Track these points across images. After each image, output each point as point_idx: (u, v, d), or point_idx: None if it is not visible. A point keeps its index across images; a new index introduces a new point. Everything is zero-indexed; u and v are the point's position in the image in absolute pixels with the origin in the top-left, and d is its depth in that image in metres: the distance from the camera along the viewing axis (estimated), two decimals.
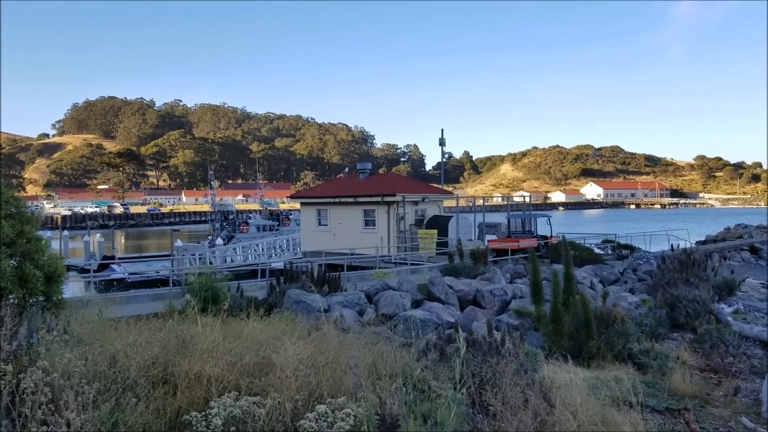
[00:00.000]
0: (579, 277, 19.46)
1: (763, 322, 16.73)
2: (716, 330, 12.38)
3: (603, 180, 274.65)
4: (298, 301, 13.76)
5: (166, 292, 16.82)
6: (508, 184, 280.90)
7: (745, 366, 11.03)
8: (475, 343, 6.50)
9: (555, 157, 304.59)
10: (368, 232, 35.20)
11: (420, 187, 41.31)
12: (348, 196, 36.66)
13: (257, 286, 18.66)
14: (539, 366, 7.58)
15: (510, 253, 28.00)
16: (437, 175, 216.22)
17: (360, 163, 43.91)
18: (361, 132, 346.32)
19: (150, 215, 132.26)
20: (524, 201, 49.40)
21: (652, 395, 8.50)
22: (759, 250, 39.22)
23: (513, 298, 16.73)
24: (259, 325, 6.80)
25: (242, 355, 5.40)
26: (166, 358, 5.35)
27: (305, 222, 39.35)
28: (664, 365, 10.08)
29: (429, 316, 13.41)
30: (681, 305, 14.98)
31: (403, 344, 8.16)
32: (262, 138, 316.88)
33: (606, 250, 31.91)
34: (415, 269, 24.14)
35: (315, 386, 4.87)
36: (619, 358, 10.37)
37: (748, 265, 34.74)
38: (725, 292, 18.90)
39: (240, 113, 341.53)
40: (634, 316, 14.23)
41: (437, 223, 35.20)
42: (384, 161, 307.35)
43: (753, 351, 12.11)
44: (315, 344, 5.86)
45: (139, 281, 32.37)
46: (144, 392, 4.69)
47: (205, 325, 6.20)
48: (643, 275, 23.77)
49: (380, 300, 15.36)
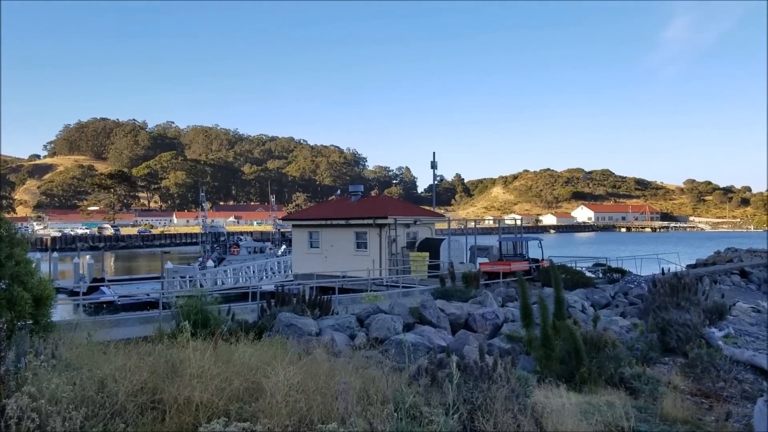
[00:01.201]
0: (570, 301, 19.46)
1: (753, 346, 16.76)
2: (707, 354, 12.38)
3: (594, 203, 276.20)
4: (289, 325, 13.67)
5: (156, 315, 16.65)
6: (500, 207, 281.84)
7: (737, 391, 11.02)
8: (467, 368, 6.48)
9: (546, 180, 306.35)
10: (360, 254, 35.14)
11: (412, 210, 41.37)
12: (340, 219, 36.64)
13: (248, 309, 18.53)
14: (531, 391, 7.55)
15: (502, 276, 27.99)
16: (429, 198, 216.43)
17: (352, 185, 43.95)
18: (354, 154, 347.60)
19: (141, 237, 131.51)
20: (516, 224, 49.51)
21: (643, 420, 8.47)
22: (749, 273, 39.35)
23: (505, 322, 16.67)
24: (250, 349, 6.76)
25: (232, 380, 5.35)
26: (155, 383, 5.30)
27: (297, 244, 39.26)
28: (656, 390, 10.05)
29: (420, 340, 13.34)
30: (672, 329, 14.98)
31: (395, 369, 8.13)
32: (254, 160, 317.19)
33: (597, 274, 31.97)
34: (406, 292, 24.06)
35: (305, 412, 4.84)
36: (610, 382, 10.34)
37: (738, 288, 34.83)
38: (716, 316, 18.90)
39: (232, 135, 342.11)
40: (626, 340, 14.22)
41: (429, 245, 35.19)
42: (376, 183, 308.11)
43: (744, 376, 12.10)
44: (306, 369, 5.83)
45: (128, 304, 32.10)
46: (132, 418, 4.64)
47: (195, 349, 6.16)
48: (634, 299, 23.77)
49: (372, 323, 15.27)
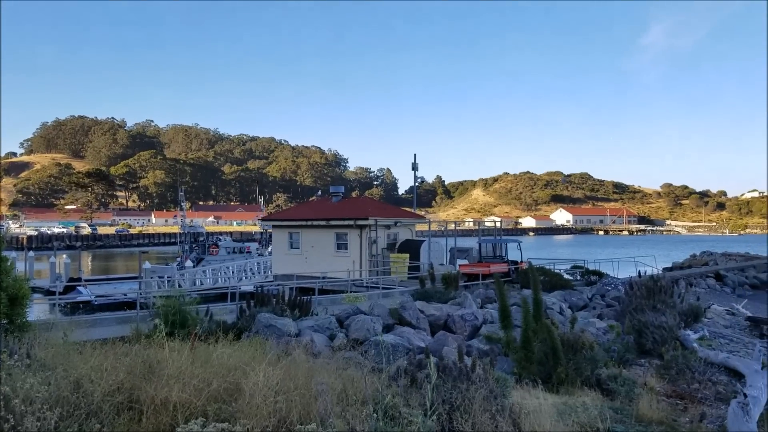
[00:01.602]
0: (548, 303, 19.60)
1: (728, 348, 17.01)
2: (682, 356, 12.55)
3: (572, 206, 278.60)
4: (268, 325, 13.62)
5: (133, 316, 16.50)
6: (480, 209, 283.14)
7: (711, 392, 11.18)
8: (445, 369, 6.51)
9: (526, 183, 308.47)
10: (340, 255, 35.10)
11: (392, 211, 41.41)
12: (320, 219, 36.57)
13: (226, 309, 18.41)
14: (509, 392, 7.60)
15: (481, 278, 28.13)
16: (410, 199, 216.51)
17: (333, 186, 43.90)
18: (335, 155, 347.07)
19: (118, 236, 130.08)
20: (495, 226, 49.82)
21: (619, 421, 8.57)
22: (724, 277, 39.98)
23: (484, 323, 16.76)
24: (228, 350, 6.73)
25: (210, 381, 5.32)
26: (132, 383, 5.26)
27: (277, 245, 39.11)
28: (632, 391, 10.17)
29: (400, 341, 13.36)
30: (648, 331, 15.17)
31: (374, 370, 8.14)
32: (234, 160, 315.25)
33: (575, 276, 32.22)
34: (386, 293, 24.08)
35: (285, 413, 4.82)
36: (587, 383, 10.44)
37: (713, 291, 35.36)
38: (691, 318, 19.17)
39: (212, 134, 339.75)
40: (603, 342, 14.35)
41: (409, 247, 35.25)
42: (357, 185, 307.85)
43: (718, 377, 12.29)
44: (285, 370, 5.81)
45: (105, 304, 31.75)
46: (108, 418, 4.59)
47: (173, 349, 6.12)
48: (611, 301, 24.00)
49: (351, 324, 15.26)
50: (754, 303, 31.97)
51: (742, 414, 8.79)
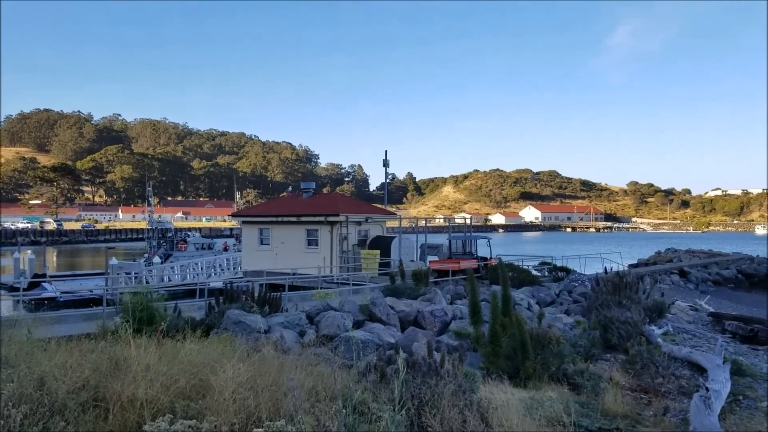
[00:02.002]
0: (517, 299, 19.81)
1: (691, 343, 17.40)
2: (647, 351, 12.79)
3: (541, 203, 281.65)
4: (237, 322, 13.53)
5: (100, 312, 16.25)
6: (450, 206, 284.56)
7: (674, 386, 11.41)
8: (415, 365, 6.54)
9: (495, 180, 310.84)
10: (311, 251, 34.99)
11: (363, 208, 41.38)
12: (291, 216, 36.39)
13: (195, 306, 18.22)
14: (477, 387, 7.67)
15: (451, 274, 28.29)
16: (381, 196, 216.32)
17: (304, 182, 43.69)
18: (306, 151, 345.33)
19: (84, 232, 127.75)
20: (465, 223, 50.12)
21: (585, 415, 8.70)
22: (688, 273, 40.85)
23: (453, 319, 16.89)
24: (197, 347, 6.68)
25: (178, 378, 5.28)
26: (98, 380, 5.20)
27: (246, 241, 38.83)
28: (598, 386, 10.34)
29: (370, 337, 13.39)
30: (614, 327, 15.42)
31: (344, 366, 8.15)
32: (203, 155, 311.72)
33: (543, 272, 32.60)
34: (357, 289, 24.09)
35: (253, 409, 4.81)
36: (554, 378, 10.59)
37: (677, 288, 36.10)
38: (656, 314, 19.53)
39: (181, 129, 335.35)
40: (569, 337, 14.56)
41: (380, 243, 35.29)
42: (328, 181, 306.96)
43: (681, 372, 12.54)
44: (254, 366, 5.80)
45: (71, 300, 31.17)
46: (73, 416, 4.53)
47: (140, 346, 6.05)
48: (578, 297, 24.32)
49: (321, 321, 15.25)
50: (716, 299, 32.76)
51: (704, 407, 9.01)
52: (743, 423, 9.60)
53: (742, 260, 52.82)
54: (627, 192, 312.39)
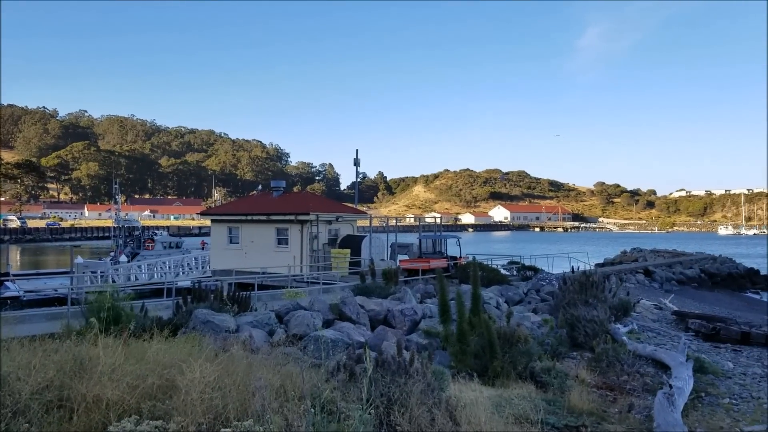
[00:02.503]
0: (486, 298, 19.95)
1: (655, 341, 17.73)
2: (612, 349, 13.00)
3: (510, 203, 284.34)
4: (205, 321, 13.41)
5: (64, 312, 15.96)
6: (421, 205, 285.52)
7: (639, 384, 11.63)
8: (384, 363, 6.56)
9: (465, 180, 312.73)
10: (281, 250, 34.80)
11: (334, 207, 41.30)
12: (261, 214, 36.14)
13: (163, 305, 18.02)
14: (446, 385, 7.72)
15: (421, 273, 28.40)
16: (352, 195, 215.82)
17: (274, 180, 43.41)
18: (276, 149, 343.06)
19: (49, 230, 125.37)
20: (435, 222, 50.36)
21: (552, 413, 8.82)
22: (653, 272, 41.60)
23: (423, 318, 16.96)
24: (164, 346, 6.61)
25: (145, 378, 5.22)
26: (62, 380, 5.11)
27: (216, 240, 38.45)
28: (564, 383, 10.48)
29: (340, 336, 13.39)
30: (580, 325, 15.63)
31: (313, 365, 8.13)
32: (172, 152, 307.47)
33: (511, 272, 32.89)
34: (327, 289, 24.05)
35: (221, 409, 4.78)
36: (522, 376, 10.71)
37: (642, 287, 36.74)
38: (621, 312, 19.88)
39: (149, 126, 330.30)
40: (537, 336, 14.72)
41: (350, 242, 35.26)
42: (299, 179, 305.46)
43: (646, 369, 12.79)
44: (222, 366, 5.75)
45: (35, 300, 30.51)
46: (37, 417, 4.46)
47: (105, 346, 5.96)
48: (545, 296, 24.59)
49: (291, 320, 15.20)
50: (680, 298, 33.41)
51: (667, 404, 9.20)
52: (705, 419, 9.84)
53: (705, 260, 53.99)
54: (594, 192, 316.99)
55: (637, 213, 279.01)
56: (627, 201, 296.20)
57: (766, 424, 9.49)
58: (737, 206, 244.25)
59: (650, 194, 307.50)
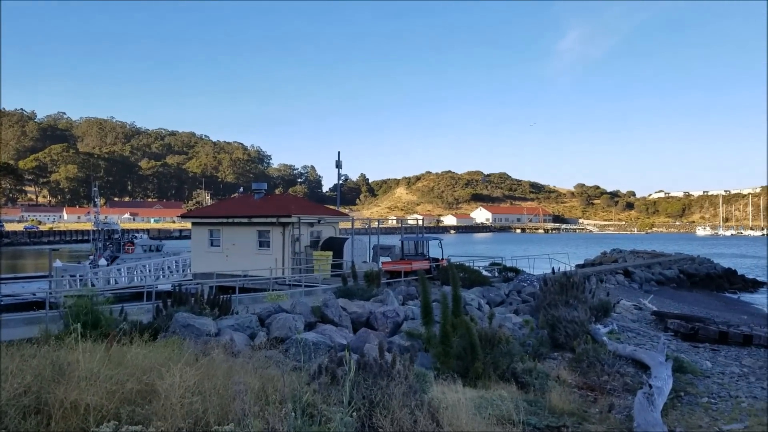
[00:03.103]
0: (467, 299, 20.02)
1: (635, 342, 17.90)
2: (593, 350, 13.10)
3: (491, 205, 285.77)
4: (186, 325, 13.29)
5: (43, 316, 15.76)
6: (403, 207, 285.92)
7: (619, 384, 11.73)
8: (366, 366, 6.55)
9: (447, 182, 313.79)
10: (262, 253, 34.65)
11: (316, 209, 41.21)
12: (242, 217, 35.97)
13: (142, 309, 17.86)
14: (428, 387, 7.74)
15: (403, 275, 28.42)
16: (334, 197, 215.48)
17: (255, 183, 43.20)
18: (258, 151, 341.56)
19: (27, 233, 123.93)
20: (417, 224, 50.44)
21: (533, 413, 8.86)
22: (632, 273, 42.02)
23: (405, 320, 16.95)
24: (143, 351, 6.55)
25: (124, 382, 5.17)
26: (40, 386, 5.05)
27: (196, 243, 38.18)
28: (545, 384, 10.54)
29: (322, 339, 13.34)
30: (561, 326, 15.74)
31: (295, 368, 8.11)
32: (152, 155, 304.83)
33: (493, 273, 33.01)
34: (309, 291, 23.98)
35: (201, 414, 4.75)
36: (503, 377, 10.74)
37: (622, 287, 37.07)
38: (601, 313, 20.03)
39: (129, 128, 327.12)
40: (518, 337, 14.80)
41: (332, 244, 35.20)
42: (280, 182, 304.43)
43: (626, 369, 12.90)
44: (203, 370, 5.72)
45: (12, 304, 30.11)
46: (14, 423, 4.39)
47: (84, 351, 5.90)
48: (526, 297, 24.69)
49: (272, 323, 15.12)
50: (659, 298, 33.76)
51: (647, 404, 9.29)
52: (684, 418, 9.95)
53: (683, 260, 54.66)
54: (574, 194, 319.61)
55: (617, 214, 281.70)
56: (607, 202, 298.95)
57: (744, 423, 9.61)
58: (715, 207, 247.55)
59: (629, 196, 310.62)
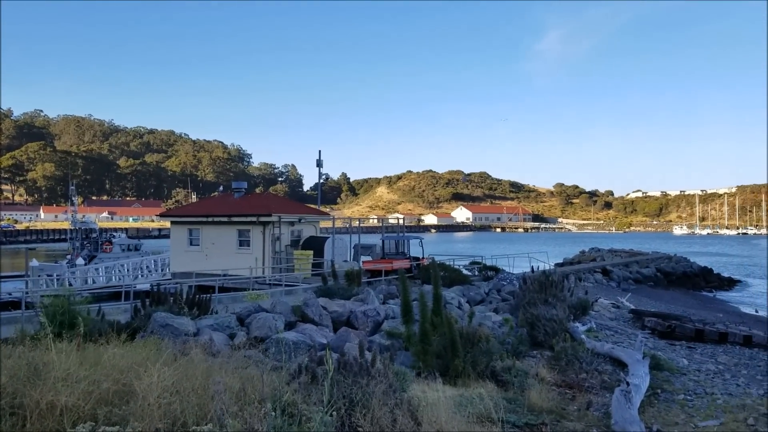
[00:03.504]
0: (448, 298, 20.09)
1: (612, 340, 18.09)
2: (571, 348, 13.23)
3: (472, 204, 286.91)
4: (164, 325, 13.18)
5: (18, 316, 15.54)
6: (384, 206, 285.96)
7: (597, 381, 11.85)
8: (346, 365, 6.55)
9: (428, 181, 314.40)
10: (242, 252, 34.48)
11: (297, 208, 41.09)
12: (222, 216, 35.75)
13: (120, 309, 17.71)
14: (408, 385, 7.75)
15: (384, 274, 28.44)
16: (315, 196, 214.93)
17: (235, 182, 42.98)
18: (238, 150, 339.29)
19: (3, 232, 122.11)
20: (398, 223, 50.51)
21: (513, 411, 8.92)
22: (610, 272, 42.43)
23: (385, 319, 16.97)
24: (121, 351, 6.49)
25: (101, 383, 5.12)
26: (15, 387, 4.99)
27: (175, 242, 37.88)
28: (524, 382, 10.62)
29: (302, 338, 13.31)
30: (540, 324, 15.86)
31: (275, 368, 8.08)
32: (130, 153, 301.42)
33: (473, 272, 33.15)
34: (289, 290, 23.92)
35: (179, 414, 4.72)
36: (483, 375, 10.80)
37: (600, 286, 37.43)
38: (580, 311, 20.21)
39: (107, 126, 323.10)
40: (498, 335, 14.87)
41: (313, 243, 35.12)
42: (261, 181, 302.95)
43: (604, 367, 13.03)
44: (181, 370, 5.68)
45: None
46: None
47: (60, 351, 5.83)
48: (506, 295, 24.84)
49: (252, 322, 15.05)
50: (637, 296, 34.16)
51: (624, 401, 9.41)
52: (661, 415, 10.08)
53: (660, 259, 55.35)
54: (553, 193, 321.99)
55: (595, 213, 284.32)
56: (585, 202, 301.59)
57: (720, 420, 9.75)
58: (692, 207, 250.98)
59: (608, 195, 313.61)
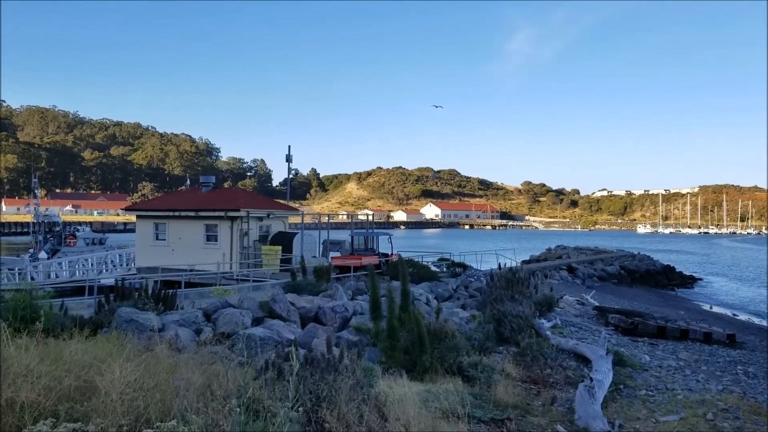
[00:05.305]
0: (416, 294, 20.16)
1: (577, 336, 18.36)
2: (537, 344, 13.39)
3: (441, 201, 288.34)
4: (129, 320, 13.00)
5: None
6: (354, 203, 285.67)
7: (561, 377, 12.01)
8: (314, 361, 6.54)
9: (398, 178, 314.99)
10: (210, 247, 34.12)
11: (265, 203, 40.81)
12: (189, 210, 35.32)
13: (84, 304, 17.42)
14: (375, 381, 7.76)
15: (353, 270, 28.43)
16: (284, 191, 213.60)
17: (203, 176, 42.48)
18: (206, 144, 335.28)
19: None
20: (368, 219, 50.52)
21: (478, 406, 9.01)
22: (575, 269, 43.06)
23: (354, 315, 16.98)
24: (83, 346, 6.38)
25: (62, 379, 5.03)
26: None
27: (141, 236, 37.31)
28: (491, 377, 10.72)
29: (269, 334, 13.24)
30: (507, 320, 16.01)
31: (241, 363, 8.02)
32: (96, 145, 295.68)
33: (441, 268, 33.32)
34: (257, 286, 23.77)
35: (143, 410, 4.66)
36: (450, 371, 10.87)
37: (565, 283, 37.97)
38: (545, 308, 20.46)
39: (72, 118, 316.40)
40: (465, 331, 14.99)
41: (282, 239, 34.92)
42: (229, 175, 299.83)
43: (568, 363, 13.22)
44: (145, 365, 5.60)
45: None
46: None
47: (20, 346, 5.71)
48: (474, 292, 25.04)
49: (219, 318, 14.93)
50: (601, 293, 34.71)
51: (588, 396, 9.57)
52: (624, 410, 10.27)
53: (624, 257, 56.36)
54: (521, 191, 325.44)
55: (562, 212, 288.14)
56: (552, 200, 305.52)
57: (680, 415, 9.97)
58: (655, 206, 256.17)
59: (574, 194, 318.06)
